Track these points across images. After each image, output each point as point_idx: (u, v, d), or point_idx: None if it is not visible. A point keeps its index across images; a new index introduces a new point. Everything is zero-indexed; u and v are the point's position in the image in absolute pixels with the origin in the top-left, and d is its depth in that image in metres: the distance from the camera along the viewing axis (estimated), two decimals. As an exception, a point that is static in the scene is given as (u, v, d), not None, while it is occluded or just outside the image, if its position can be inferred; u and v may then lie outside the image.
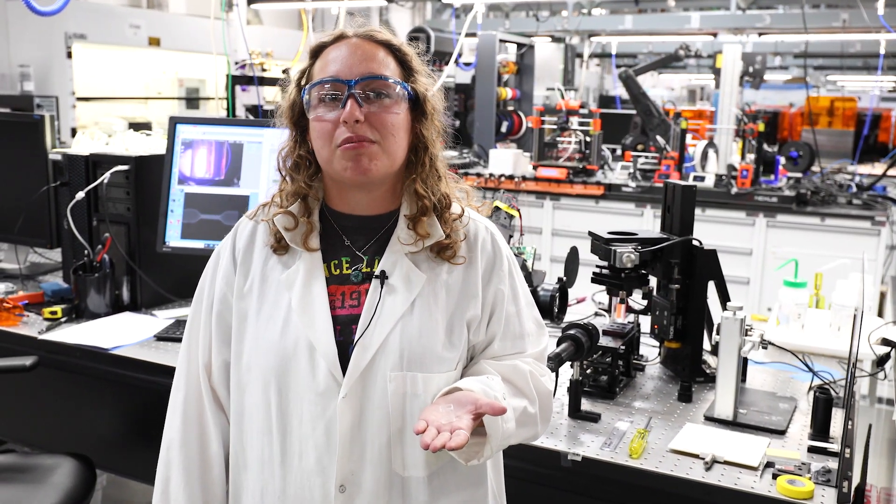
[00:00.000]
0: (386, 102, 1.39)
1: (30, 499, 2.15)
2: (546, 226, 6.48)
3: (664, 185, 2.40)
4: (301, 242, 1.45)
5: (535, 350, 1.54)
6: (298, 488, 1.41)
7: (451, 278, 1.46)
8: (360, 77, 1.37)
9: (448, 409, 1.30)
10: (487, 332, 1.50)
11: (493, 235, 1.53)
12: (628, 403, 2.11)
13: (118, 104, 8.58)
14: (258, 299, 1.45)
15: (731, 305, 2.01)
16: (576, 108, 6.70)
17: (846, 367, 2.29)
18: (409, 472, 1.41)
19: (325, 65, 1.41)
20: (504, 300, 1.50)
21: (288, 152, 1.49)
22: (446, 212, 1.47)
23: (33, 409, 2.78)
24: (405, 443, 1.40)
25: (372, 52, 1.41)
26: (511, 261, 1.55)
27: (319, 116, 1.39)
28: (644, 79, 6.98)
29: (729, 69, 6.72)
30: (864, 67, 15.45)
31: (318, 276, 1.44)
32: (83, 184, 2.77)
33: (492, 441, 1.34)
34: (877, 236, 5.44)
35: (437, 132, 1.48)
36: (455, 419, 1.27)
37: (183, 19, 8.69)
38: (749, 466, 1.74)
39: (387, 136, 1.39)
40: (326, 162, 1.41)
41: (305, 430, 1.39)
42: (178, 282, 2.82)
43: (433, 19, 12.14)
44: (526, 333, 1.53)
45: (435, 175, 1.47)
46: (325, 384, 1.38)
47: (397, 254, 1.44)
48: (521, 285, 1.56)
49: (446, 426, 1.24)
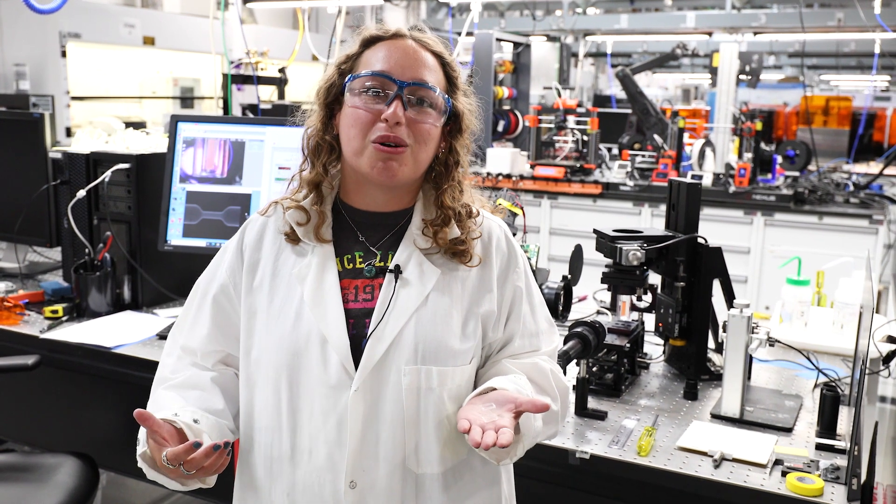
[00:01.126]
0: (427, 111, 1.41)
1: (33, 498, 2.13)
2: (544, 225, 6.48)
3: (668, 183, 2.40)
4: (313, 234, 1.45)
5: (548, 348, 1.54)
6: (308, 485, 1.40)
7: (465, 274, 1.46)
8: (411, 81, 1.39)
9: (489, 407, 1.30)
10: (506, 331, 1.50)
11: (507, 234, 1.54)
12: (634, 401, 2.11)
13: (113, 103, 8.55)
14: (269, 293, 1.45)
15: (737, 303, 2.01)
16: (573, 107, 6.70)
17: (851, 364, 2.29)
18: (423, 468, 1.40)
19: (377, 59, 1.41)
20: (521, 298, 1.51)
21: (313, 134, 1.48)
22: (466, 220, 1.48)
23: (35, 409, 2.77)
24: (419, 438, 1.39)
25: (425, 59, 1.43)
26: (524, 259, 1.56)
27: (360, 105, 1.39)
28: (638, 78, 6.98)
29: (726, 68, 6.73)
30: (857, 67, 15.50)
31: (330, 269, 1.43)
32: (84, 182, 2.75)
33: (524, 439, 1.35)
34: (874, 235, 5.46)
35: (468, 149, 1.51)
36: (497, 418, 1.27)
37: (177, 18, 8.67)
38: (758, 464, 1.73)
39: (420, 143, 1.40)
40: (355, 153, 1.41)
41: (316, 424, 1.38)
42: (179, 280, 2.81)
43: (428, 18, 12.12)
44: (540, 331, 1.54)
45: (459, 187, 1.49)
46: (336, 377, 1.37)
47: (411, 248, 1.44)
48: (533, 284, 1.57)
49: (490, 425, 1.24)
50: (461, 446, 1.42)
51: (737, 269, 5.67)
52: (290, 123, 1.58)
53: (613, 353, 2.15)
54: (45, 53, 7.21)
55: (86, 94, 7.96)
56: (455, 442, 1.41)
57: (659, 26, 10.04)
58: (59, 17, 6.76)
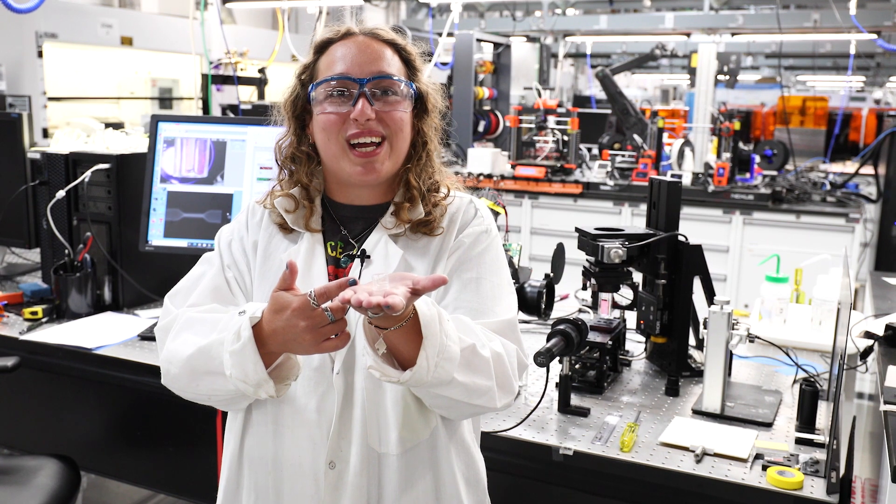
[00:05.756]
0: (394, 100, 1.43)
1: (14, 501, 2.11)
2: (525, 224, 6.50)
3: (649, 182, 2.42)
4: (303, 224, 1.48)
5: (492, 320, 1.42)
6: (290, 465, 1.42)
7: (428, 245, 1.47)
8: (371, 76, 1.41)
9: (382, 281, 1.17)
10: (447, 297, 1.44)
11: (477, 207, 1.53)
12: (616, 398, 2.12)
13: (90, 104, 8.48)
14: (260, 277, 1.48)
15: (718, 300, 2.02)
16: (553, 108, 6.73)
17: (829, 360, 2.32)
18: (384, 448, 1.42)
19: (333, 62, 1.43)
20: (470, 264, 1.45)
21: (288, 146, 1.50)
22: (432, 195, 1.49)
23: (15, 411, 2.75)
24: (380, 418, 1.41)
25: (380, 51, 1.44)
26: (491, 232, 1.51)
27: (328, 111, 1.41)
28: (617, 79, 7.02)
29: (704, 68, 6.78)
30: (833, 67, 15.67)
31: (318, 255, 1.47)
32: (63, 183, 2.73)
33: (427, 347, 1.21)
34: (851, 233, 5.53)
35: (436, 128, 1.53)
36: (389, 288, 1.14)
37: (155, 18, 8.61)
38: (738, 458, 1.75)
39: (396, 133, 1.43)
40: (334, 157, 1.43)
41: (298, 405, 1.41)
42: (160, 281, 2.79)
43: (408, 19, 12.12)
44: (484, 299, 1.44)
45: (430, 168, 1.51)
46: (319, 359, 1.41)
47: (380, 233, 1.47)
48: (495, 256, 1.50)
49: (378, 292, 1.11)
50: (422, 427, 1.43)
51: (716, 268, 5.71)
52: (272, 123, 1.58)
53: (596, 351, 2.17)
54: (21, 53, 7.13)
55: (63, 95, 7.89)
56: (414, 423, 1.42)
57: (638, 27, 10.09)
58: (36, 16, 6.70)
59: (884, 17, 8.07)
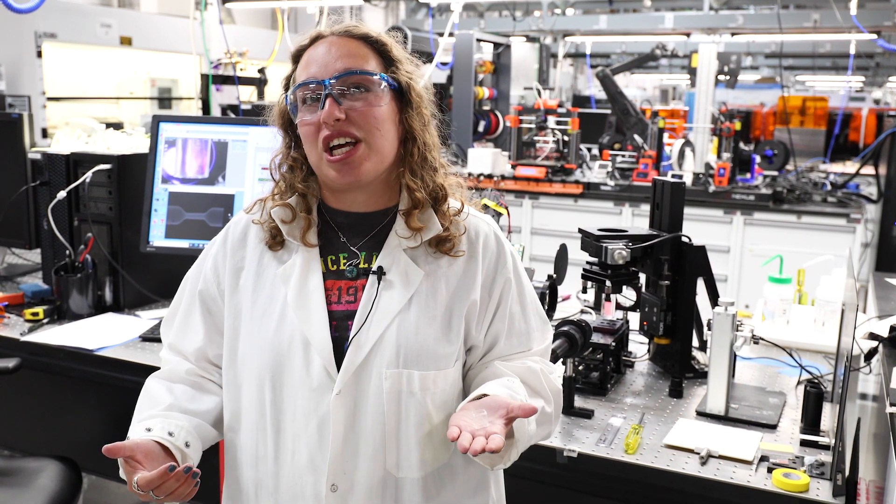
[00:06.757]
0: (367, 96, 1.37)
1: (15, 503, 2.10)
2: (525, 224, 6.49)
3: (652, 183, 2.41)
4: (300, 237, 1.43)
5: (540, 346, 1.52)
6: (291, 486, 1.39)
7: (450, 270, 1.43)
8: (335, 75, 1.35)
9: (480, 413, 1.28)
10: (490, 330, 1.47)
11: (497, 233, 1.51)
12: (620, 399, 2.11)
13: (89, 104, 8.47)
14: (253, 294, 1.44)
15: (722, 301, 2.02)
16: (553, 108, 6.72)
17: (833, 361, 2.31)
18: (402, 473, 1.39)
19: (305, 67, 1.40)
20: (509, 297, 1.48)
21: (283, 158, 1.47)
22: (443, 204, 1.45)
23: (16, 412, 2.74)
24: (400, 442, 1.38)
25: (348, 47, 1.39)
26: (515, 258, 1.53)
27: (304, 120, 1.38)
28: (617, 79, 7.01)
29: (705, 68, 6.77)
30: (833, 67, 15.67)
31: (314, 270, 1.42)
32: (64, 183, 2.72)
33: (518, 444, 1.34)
34: (852, 233, 5.53)
35: (426, 121, 1.45)
36: (488, 424, 1.25)
37: (155, 18, 8.60)
38: (744, 460, 1.75)
39: (372, 131, 1.37)
40: (316, 165, 1.41)
41: (298, 426, 1.38)
42: (161, 282, 2.79)
43: (407, 19, 12.12)
44: (531, 329, 1.51)
45: (428, 167, 1.45)
46: (318, 380, 1.36)
47: (395, 249, 1.42)
48: (526, 282, 1.54)
49: (480, 431, 1.22)
50: (443, 451, 1.41)
51: (717, 269, 5.63)
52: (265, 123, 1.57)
53: (599, 352, 2.16)
54: (20, 53, 7.12)
55: (62, 95, 7.88)
56: (437, 446, 1.40)
57: (637, 27, 10.08)
58: (35, 16, 6.68)
59: (884, 17, 8.07)
